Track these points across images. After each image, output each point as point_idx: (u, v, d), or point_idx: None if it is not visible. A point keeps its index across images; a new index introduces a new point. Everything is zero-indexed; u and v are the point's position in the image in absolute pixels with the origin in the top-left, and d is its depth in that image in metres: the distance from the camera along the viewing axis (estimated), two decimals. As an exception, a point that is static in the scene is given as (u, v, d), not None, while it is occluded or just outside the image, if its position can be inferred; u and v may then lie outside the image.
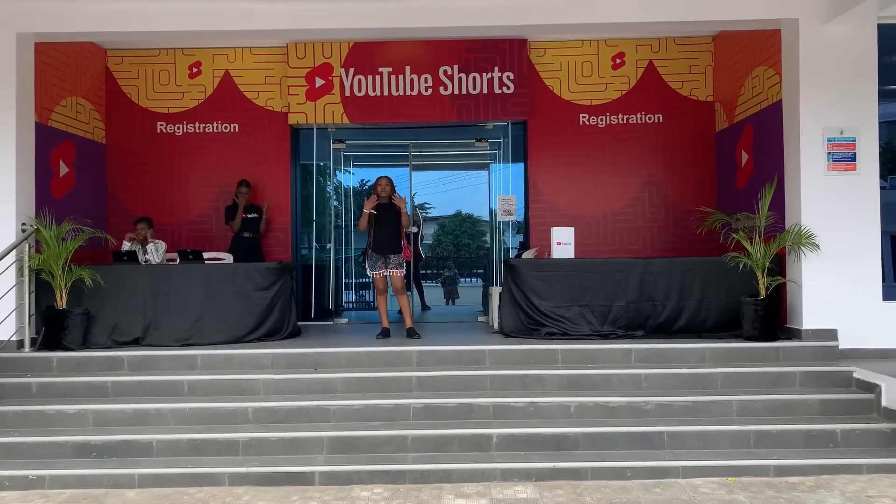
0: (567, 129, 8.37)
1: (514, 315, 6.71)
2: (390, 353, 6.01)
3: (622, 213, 8.34)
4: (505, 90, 8.25)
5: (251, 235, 8.02)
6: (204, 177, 8.41)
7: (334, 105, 8.29)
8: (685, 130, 8.33)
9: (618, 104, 8.36)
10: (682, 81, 8.35)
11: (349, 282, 12.18)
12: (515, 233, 9.49)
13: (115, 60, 8.43)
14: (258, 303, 6.62)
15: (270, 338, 6.66)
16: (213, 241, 8.28)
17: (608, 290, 6.55)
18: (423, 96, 8.28)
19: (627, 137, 8.34)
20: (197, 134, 8.43)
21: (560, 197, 8.37)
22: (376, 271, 6.88)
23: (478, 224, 27.17)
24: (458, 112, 8.27)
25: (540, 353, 5.96)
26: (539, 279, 6.61)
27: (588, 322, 6.52)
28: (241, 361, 5.98)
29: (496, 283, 9.04)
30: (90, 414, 5.32)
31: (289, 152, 8.45)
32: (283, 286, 6.75)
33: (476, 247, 25.62)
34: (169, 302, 6.53)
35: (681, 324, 6.53)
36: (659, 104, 8.34)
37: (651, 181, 8.34)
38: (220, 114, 8.42)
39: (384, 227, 6.83)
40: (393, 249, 6.85)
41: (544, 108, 8.37)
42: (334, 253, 9.43)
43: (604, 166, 8.35)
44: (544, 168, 8.38)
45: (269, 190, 8.40)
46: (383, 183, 6.93)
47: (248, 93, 8.44)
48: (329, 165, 9.30)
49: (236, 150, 8.43)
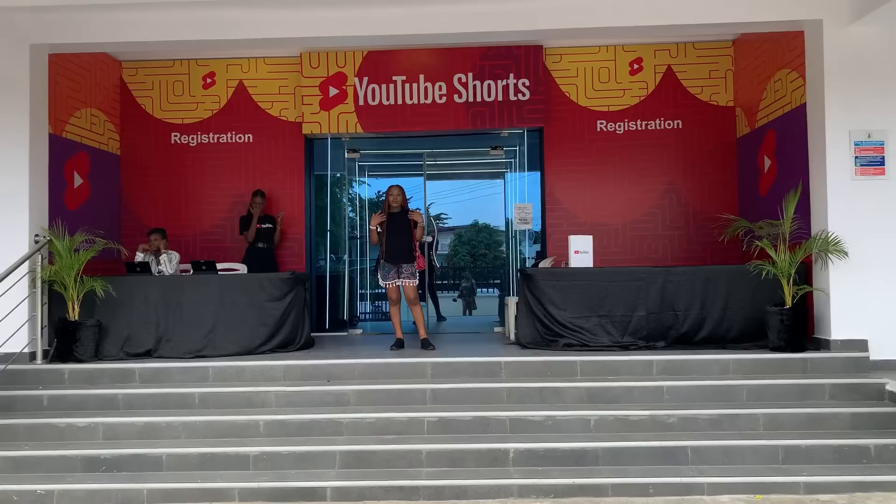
0: (584, 136, 8.23)
1: (530, 326, 6.56)
2: (404, 365, 5.88)
3: (641, 220, 8.17)
4: (520, 97, 8.14)
5: (265, 246, 7.95)
6: (218, 187, 8.37)
7: (348, 114, 8.22)
8: (705, 136, 8.16)
9: (636, 110, 8.21)
10: (702, 86, 8.18)
11: (364, 292, 12.08)
12: (532, 242, 9.35)
13: (130, 72, 8.43)
14: (271, 314, 6.53)
15: (283, 349, 6.56)
16: (227, 252, 8.22)
17: (628, 299, 6.38)
18: (438, 104, 8.19)
19: (646, 144, 8.18)
20: (211, 144, 8.40)
21: (577, 205, 8.22)
22: (389, 281, 6.77)
23: (494, 234, 27.02)
24: (472, 120, 8.17)
25: (558, 365, 5.80)
26: (556, 289, 6.46)
27: (607, 333, 6.35)
28: (254, 373, 5.89)
29: (512, 293, 8.90)
30: (101, 427, 5.24)
31: (303, 162, 8.39)
32: (296, 297, 6.66)
33: (493, 257, 25.45)
34: (181, 313, 6.45)
35: (703, 334, 6.34)
36: (678, 110, 8.18)
37: (671, 188, 8.17)
38: (235, 124, 8.38)
39: (396, 237, 6.73)
40: (406, 259, 6.73)
41: (561, 114, 8.24)
42: (349, 263, 9.34)
43: (622, 173, 8.19)
44: (561, 176, 8.24)
45: (284, 200, 8.33)
46: (395, 192, 6.84)
47: (262, 103, 8.39)
48: (344, 175, 9.22)
49: (250, 161, 8.38)
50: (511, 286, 9.49)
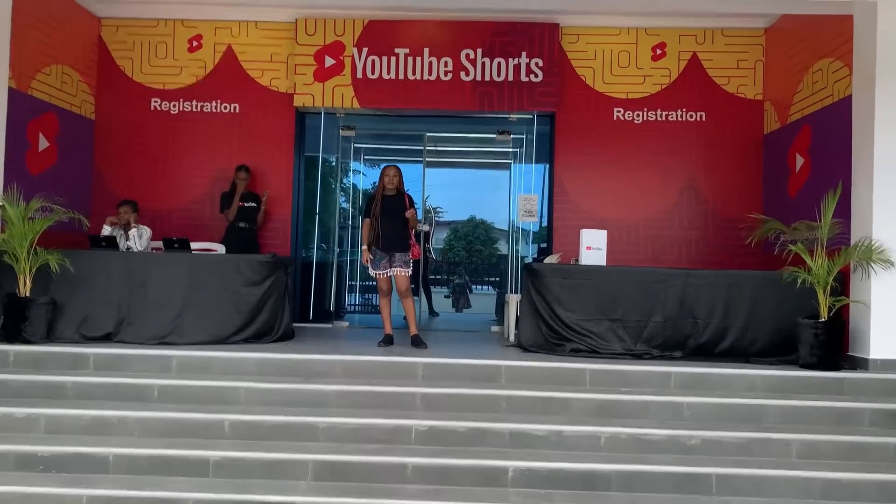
0: (599, 124, 7.60)
1: (534, 327, 5.93)
2: (392, 364, 5.24)
3: (657, 218, 7.55)
4: (532, 78, 7.49)
5: (247, 226, 7.29)
6: (199, 160, 7.70)
7: (344, 87, 7.56)
8: (730, 131, 7.54)
9: (656, 99, 7.58)
10: (729, 77, 7.56)
11: (353, 283, 11.42)
12: (534, 237, 8.72)
13: (110, 30, 7.74)
14: (247, 300, 5.88)
15: (259, 339, 5.91)
16: (206, 231, 7.55)
17: (644, 303, 5.76)
18: (443, 81, 7.54)
19: (666, 136, 7.56)
20: (194, 113, 7.72)
21: (588, 198, 7.59)
22: (380, 271, 6.12)
23: (491, 230, 26.41)
24: (479, 100, 7.52)
25: (565, 373, 5.18)
26: (565, 287, 5.83)
27: (619, 339, 5.73)
28: (223, 365, 5.24)
29: (513, 291, 8.27)
30: (42, 419, 4.58)
31: (293, 138, 7.73)
32: (276, 282, 6.01)
33: (488, 253, 24.85)
34: (146, 294, 5.80)
35: (725, 345, 5.73)
36: (702, 101, 7.56)
37: (690, 185, 7.55)
38: (220, 92, 7.71)
39: (390, 222, 6.09)
40: (399, 247, 6.10)
41: (575, 99, 7.60)
42: (338, 253, 8.67)
43: (638, 166, 7.57)
44: (572, 166, 7.61)
45: (270, 178, 7.67)
46: (391, 173, 6.19)
47: (252, 71, 7.72)
48: (337, 158, 8.54)
49: (236, 133, 7.71)
50: (511, 283, 8.86)
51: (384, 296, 6.23)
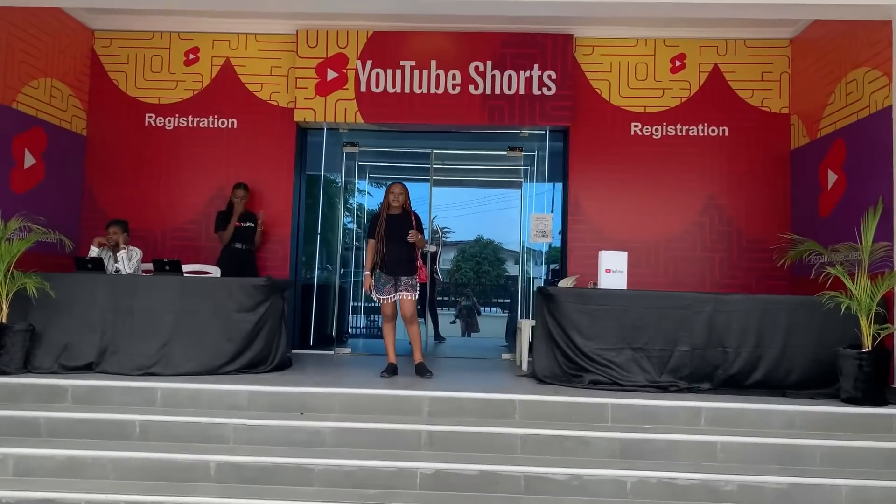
0: (616, 140, 7.20)
1: (549, 356, 5.49)
2: (396, 399, 4.80)
3: (678, 239, 7.11)
4: (545, 91, 7.11)
5: (244, 247, 6.89)
6: (195, 178, 7.33)
7: (347, 101, 7.20)
8: (754, 146, 7.12)
9: (676, 113, 7.18)
10: (752, 90, 7.16)
11: (357, 305, 11.00)
12: (546, 259, 8.30)
13: (103, 42, 7.43)
14: (239, 327, 5.46)
15: (253, 369, 5.49)
16: (201, 252, 7.18)
17: (669, 330, 5.31)
18: (450, 95, 7.17)
19: (687, 152, 7.15)
20: (190, 129, 7.37)
21: (605, 218, 7.16)
22: (384, 295, 5.71)
23: (499, 251, 25.98)
24: (489, 114, 7.14)
25: (584, 408, 4.72)
26: (583, 313, 5.39)
27: (643, 370, 5.27)
28: (212, 399, 4.82)
29: (525, 315, 7.83)
30: (11, 460, 4.17)
31: (293, 154, 7.35)
32: (271, 308, 5.60)
33: (496, 274, 24.39)
34: (133, 321, 5.40)
35: (757, 376, 5.27)
36: (724, 115, 7.15)
37: (713, 203, 7.11)
38: (218, 107, 7.37)
39: (396, 243, 5.69)
40: (405, 270, 5.70)
41: (590, 114, 7.21)
42: (341, 274, 8.26)
43: (658, 184, 7.15)
44: (587, 184, 7.20)
45: (269, 196, 7.29)
46: (396, 190, 5.80)
47: (251, 84, 7.38)
48: (339, 173, 8.16)
49: (234, 149, 7.35)
50: (522, 307, 8.43)
51: (388, 321, 5.80)
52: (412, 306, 5.77)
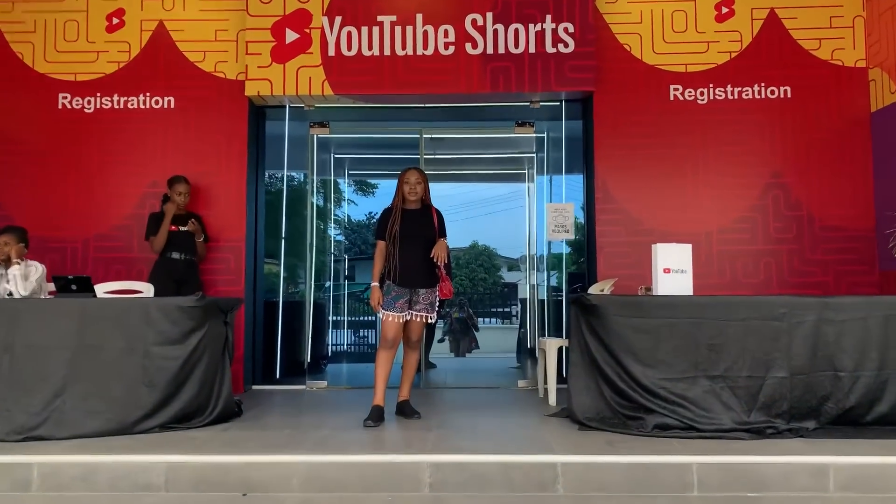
0: (651, 107, 5.75)
1: (593, 390, 4.01)
2: (383, 468, 3.29)
3: (734, 229, 5.65)
4: (561, 49, 5.66)
5: (184, 257, 5.37)
6: (123, 172, 5.81)
7: (312, 69, 5.71)
8: (825, 109, 5.69)
9: (725, 71, 5.74)
10: (820, 40, 5.73)
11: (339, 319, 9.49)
12: (567, 261, 6.83)
13: (3, 7, 5.91)
14: (163, 366, 3.94)
15: (184, 424, 3.97)
16: (133, 266, 5.67)
17: (758, 350, 3.84)
18: (442, 57, 5.70)
19: (740, 119, 5.71)
20: (115, 111, 5.85)
21: (640, 206, 5.70)
22: (394, 311, 4.26)
23: (494, 256, 24.54)
24: (491, 80, 5.67)
25: (658, 472, 3.23)
26: (640, 331, 3.90)
27: (726, 406, 3.79)
28: (113, 477, 3.30)
29: (545, 331, 6.36)
30: None
31: (245, 137, 5.84)
32: (208, 337, 4.08)
33: (492, 282, 22.91)
34: (12, 363, 3.86)
35: (882, 409, 3.83)
36: (786, 72, 5.72)
37: (776, 182, 5.67)
38: (150, 82, 5.86)
39: (413, 247, 4.32)
40: (424, 281, 4.34)
41: (618, 75, 5.76)
42: (314, 287, 6.73)
43: (705, 161, 5.70)
44: (617, 163, 5.73)
45: (218, 192, 5.78)
46: (413, 179, 4.43)
47: (191, 53, 5.88)
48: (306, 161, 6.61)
49: (171, 135, 5.84)
50: (531, 318, 6.96)
51: (386, 348, 4.30)
52: (422, 330, 4.47)
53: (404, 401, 4.38)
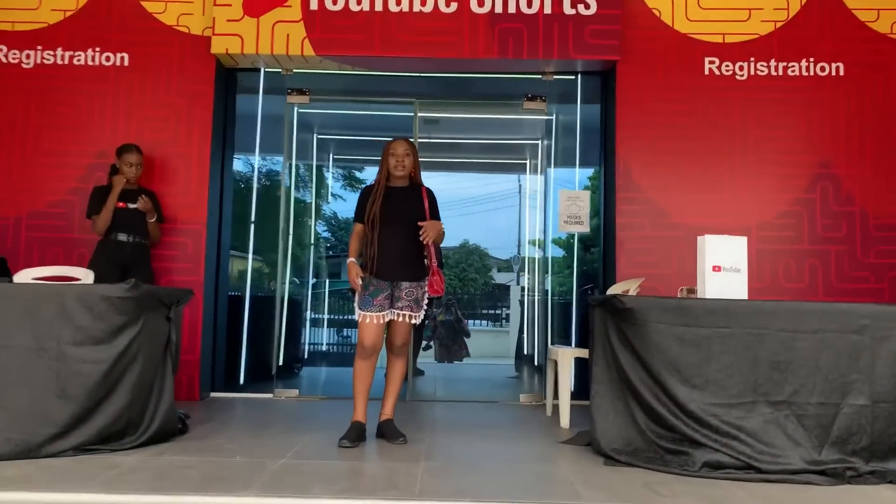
0: (683, 82, 4.98)
1: (622, 414, 3.22)
2: (355, 518, 2.48)
3: (775, 225, 4.89)
4: (581, 10, 4.88)
5: (133, 239, 4.54)
6: (66, 139, 4.98)
7: (291, 24, 4.90)
8: (883, 90, 4.95)
9: (769, 43, 4.98)
10: (878, 10, 4.99)
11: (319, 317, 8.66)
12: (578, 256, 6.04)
13: (-70, -58, 5.06)
14: (82, 371, 3.11)
15: (108, 445, 3.14)
16: (74, 248, 4.84)
17: (832, 370, 3.07)
18: (443, 15, 4.91)
19: (786, 99, 4.95)
20: (58, 67, 5.02)
21: (668, 195, 4.93)
22: (371, 310, 3.47)
23: (484, 257, 23.73)
24: (499, 44, 4.88)
25: (723, 533, 2.44)
26: (686, 343, 3.11)
27: (792, 440, 3.01)
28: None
29: (550, 337, 5.58)
30: None
31: (211, 103, 5.02)
32: (143, 336, 3.25)
33: (483, 282, 22.08)
34: None
35: None
36: (838, 46, 4.97)
37: (825, 173, 4.91)
38: (100, 35, 5.03)
39: (397, 231, 3.55)
40: (410, 273, 3.57)
41: (646, 44, 4.99)
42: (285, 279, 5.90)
43: (744, 145, 4.94)
44: (643, 145, 4.96)
45: (175, 165, 4.96)
46: (400, 151, 3.65)
47: (150, 3, 5.05)
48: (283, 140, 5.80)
49: (123, 97, 5.01)
50: (527, 319, 6.18)
51: (365, 357, 3.49)
52: (408, 333, 3.64)
53: (387, 420, 3.58)
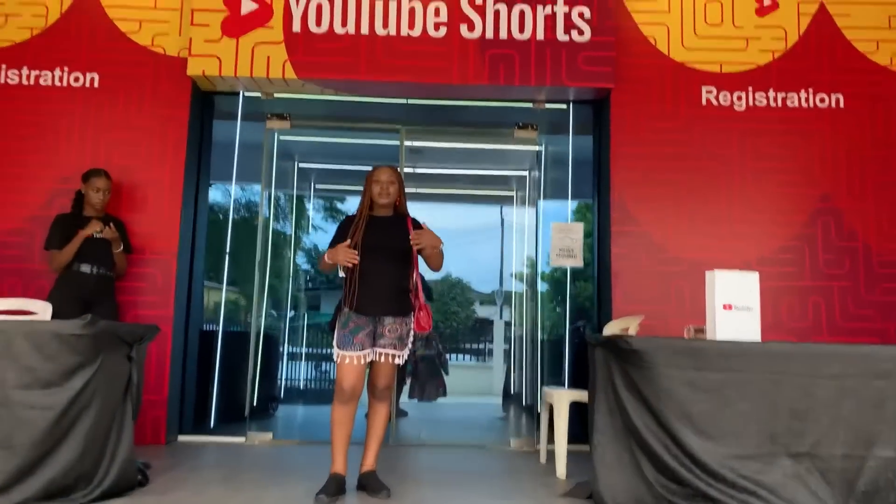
0: (680, 111, 4.81)
1: (627, 465, 2.95)
2: None
3: (775, 261, 4.68)
4: (575, 36, 4.71)
5: (97, 271, 4.21)
6: (28, 163, 4.67)
7: (271, 46, 4.67)
8: (884, 122, 4.81)
9: (767, 73, 4.84)
10: (877, 41, 4.88)
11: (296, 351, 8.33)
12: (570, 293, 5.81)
13: None
14: (29, 418, 2.77)
15: (57, 501, 2.79)
16: (33, 280, 4.49)
17: (856, 420, 2.82)
18: (432, 39, 4.71)
19: (785, 130, 4.79)
20: (23, 88, 4.73)
21: (664, 228, 4.72)
22: (351, 350, 3.17)
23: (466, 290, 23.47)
24: (490, 70, 4.68)
25: None
26: (699, 389, 2.85)
27: (815, 496, 2.75)
28: None
29: (540, 377, 5.32)
30: None
31: (186, 127, 4.74)
32: (99, 378, 2.93)
33: (465, 316, 21.78)
34: None
35: None
36: (838, 77, 4.84)
37: (826, 207, 4.74)
38: (70, 54, 4.76)
39: (381, 262, 3.25)
40: (394, 307, 3.27)
41: (640, 72, 4.82)
42: (261, 312, 5.60)
43: (743, 177, 4.76)
44: (639, 177, 4.76)
45: (146, 192, 4.66)
46: (384, 178, 3.37)
47: (124, 21, 4.80)
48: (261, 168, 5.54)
49: (92, 120, 4.72)
50: (522, 357, 5.91)
51: (344, 402, 3.18)
52: (392, 375, 3.32)
53: (369, 472, 3.26)
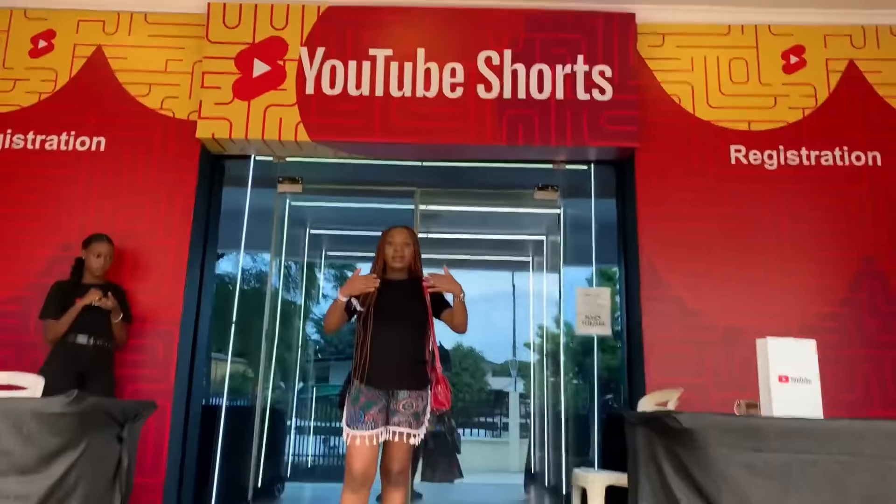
0: (708, 170, 4.60)
1: (679, 564, 2.57)
2: None
3: (817, 328, 4.36)
4: (596, 95, 4.55)
5: (95, 342, 3.96)
6: (29, 229, 4.49)
7: (284, 109, 4.54)
8: (924, 181, 4.57)
9: (798, 131, 4.65)
10: (910, 97, 4.70)
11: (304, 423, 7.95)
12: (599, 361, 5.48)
13: None
14: (1, 510, 2.48)
15: None
16: (29, 350, 4.24)
17: (943, 509, 2.47)
18: (447, 100, 4.56)
19: (821, 189, 4.56)
20: (27, 152, 4.60)
21: (697, 294, 4.43)
22: (362, 428, 2.90)
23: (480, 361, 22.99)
24: (508, 130, 4.52)
25: None
26: (758, 473, 2.52)
27: None
28: None
29: (565, 455, 4.95)
30: None
31: (193, 192, 4.57)
32: (84, 463, 2.63)
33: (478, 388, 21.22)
34: None
35: None
36: (872, 135, 4.64)
37: (870, 270, 4.45)
38: (77, 118, 4.65)
39: (395, 329, 3.03)
40: (410, 381, 3.01)
41: (665, 131, 4.64)
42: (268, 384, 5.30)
43: (778, 239, 4.50)
44: (669, 238, 4.51)
45: (150, 259, 4.45)
46: (399, 240, 3.22)
47: (133, 85, 4.70)
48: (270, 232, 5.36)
49: (97, 184, 4.56)
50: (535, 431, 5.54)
51: (354, 489, 2.87)
52: (407, 457, 3.01)
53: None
